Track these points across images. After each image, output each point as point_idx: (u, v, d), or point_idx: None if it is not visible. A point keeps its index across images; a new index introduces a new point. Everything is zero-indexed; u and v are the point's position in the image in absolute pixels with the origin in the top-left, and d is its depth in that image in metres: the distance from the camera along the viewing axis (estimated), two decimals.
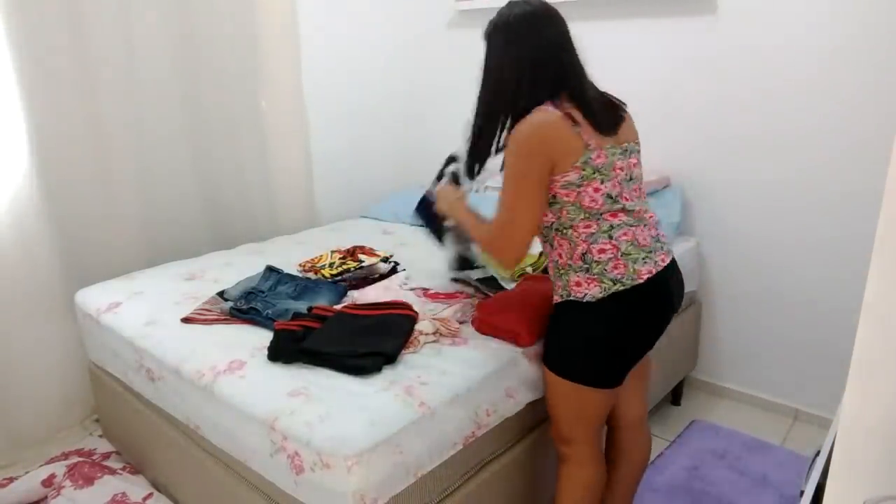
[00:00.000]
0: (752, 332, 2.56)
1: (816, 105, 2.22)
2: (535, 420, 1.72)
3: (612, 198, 1.43)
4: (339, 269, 2.09)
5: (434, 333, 1.65)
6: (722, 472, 2.17)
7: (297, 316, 1.72)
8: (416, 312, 1.71)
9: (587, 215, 1.42)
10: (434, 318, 1.71)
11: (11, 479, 2.09)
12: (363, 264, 2.12)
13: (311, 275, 2.10)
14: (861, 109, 2.14)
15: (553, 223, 1.46)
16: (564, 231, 1.44)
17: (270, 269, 2.05)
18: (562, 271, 1.47)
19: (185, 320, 1.82)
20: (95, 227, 2.44)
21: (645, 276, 1.42)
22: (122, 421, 2.10)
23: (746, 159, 2.40)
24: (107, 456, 2.25)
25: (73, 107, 2.31)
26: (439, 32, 3.22)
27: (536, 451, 1.73)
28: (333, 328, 1.64)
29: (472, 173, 1.58)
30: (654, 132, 2.52)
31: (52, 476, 2.08)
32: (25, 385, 2.30)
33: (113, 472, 2.11)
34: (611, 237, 1.42)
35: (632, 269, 1.42)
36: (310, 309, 1.76)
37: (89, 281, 2.23)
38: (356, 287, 2.02)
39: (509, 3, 1.47)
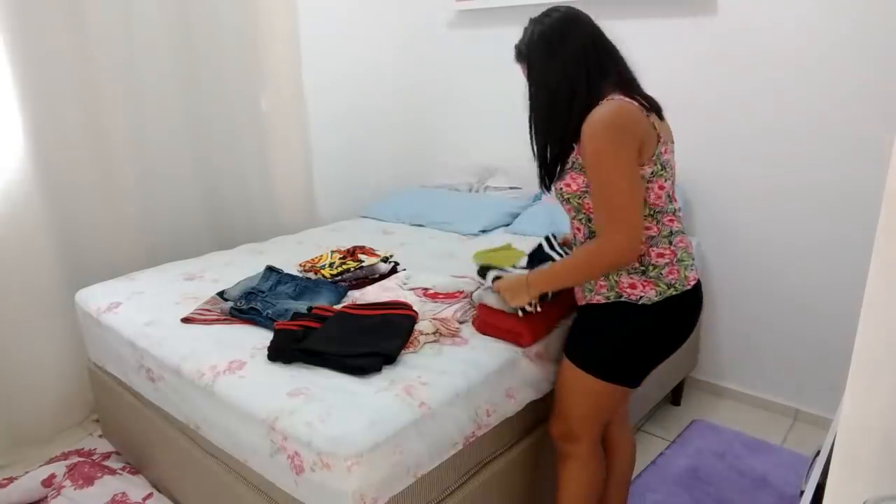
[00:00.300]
0: (752, 332, 2.56)
1: (816, 105, 2.22)
2: (535, 420, 1.72)
3: (669, 197, 1.43)
4: (339, 269, 2.09)
5: (434, 333, 1.65)
6: (722, 472, 2.17)
7: (297, 316, 1.72)
8: (415, 312, 1.71)
9: (651, 213, 1.41)
10: (434, 318, 1.71)
11: (11, 479, 2.09)
12: (363, 264, 2.12)
13: (311, 275, 2.10)
14: (861, 109, 2.14)
15: None
16: None
17: (270, 269, 2.05)
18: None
19: (185, 320, 1.82)
20: (96, 228, 2.44)
21: (692, 283, 1.47)
22: (122, 421, 2.10)
23: (746, 159, 2.40)
24: (107, 456, 2.25)
25: (72, 107, 2.30)
26: (439, 32, 3.22)
27: (536, 451, 1.73)
28: (333, 328, 1.64)
29: (547, 187, 1.52)
30: None
31: (52, 476, 2.08)
32: (25, 385, 2.30)
33: (113, 472, 2.11)
34: (670, 242, 1.44)
35: (683, 276, 1.45)
36: (310, 309, 1.76)
37: (89, 281, 2.23)
38: (356, 287, 2.02)
39: (532, 20, 1.47)
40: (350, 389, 1.42)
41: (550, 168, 1.48)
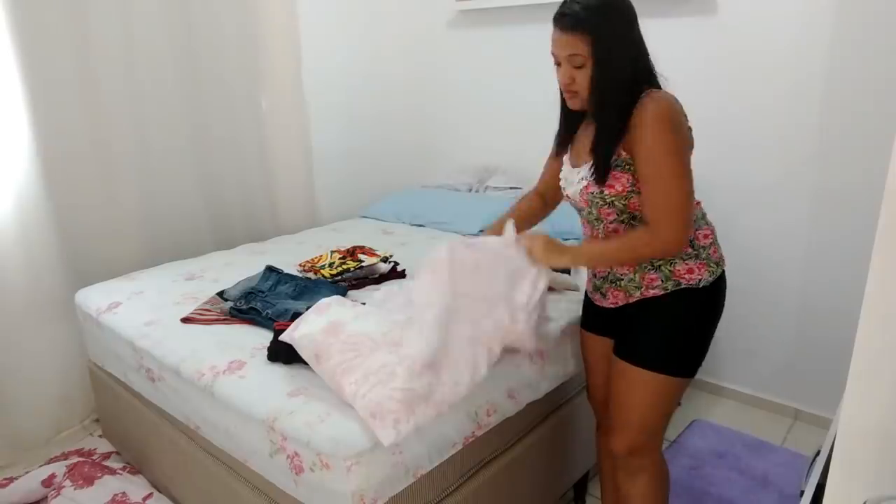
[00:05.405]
0: (752, 333, 2.56)
1: (816, 105, 2.22)
2: (535, 421, 1.72)
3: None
4: (339, 269, 2.09)
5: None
6: (722, 472, 2.17)
7: (296, 316, 1.71)
8: None
9: None
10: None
11: (11, 479, 2.09)
12: (363, 264, 2.12)
13: (310, 275, 2.10)
14: (861, 109, 2.14)
15: None
16: None
17: (270, 269, 2.05)
18: (661, 260, 1.39)
19: (185, 320, 1.82)
20: (96, 228, 2.45)
21: (724, 259, 1.48)
22: (122, 421, 2.10)
23: (746, 159, 2.40)
24: (107, 456, 2.25)
25: (75, 108, 2.31)
26: (439, 32, 3.22)
27: (537, 451, 1.73)
28: None
29: (602, 176, 1.35)
30: None
31: (52, 476, 2.08)
32: (26, 385, 2.30)
33: (113, 472, 2.11)
34: (706, 222, 1.45)
35: (720, 253, 1.46)
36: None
37: (89, 281, 2.23)
38: (356, 287, 2.02)
39: None
40: None
41: (608, 162, 1.34)
